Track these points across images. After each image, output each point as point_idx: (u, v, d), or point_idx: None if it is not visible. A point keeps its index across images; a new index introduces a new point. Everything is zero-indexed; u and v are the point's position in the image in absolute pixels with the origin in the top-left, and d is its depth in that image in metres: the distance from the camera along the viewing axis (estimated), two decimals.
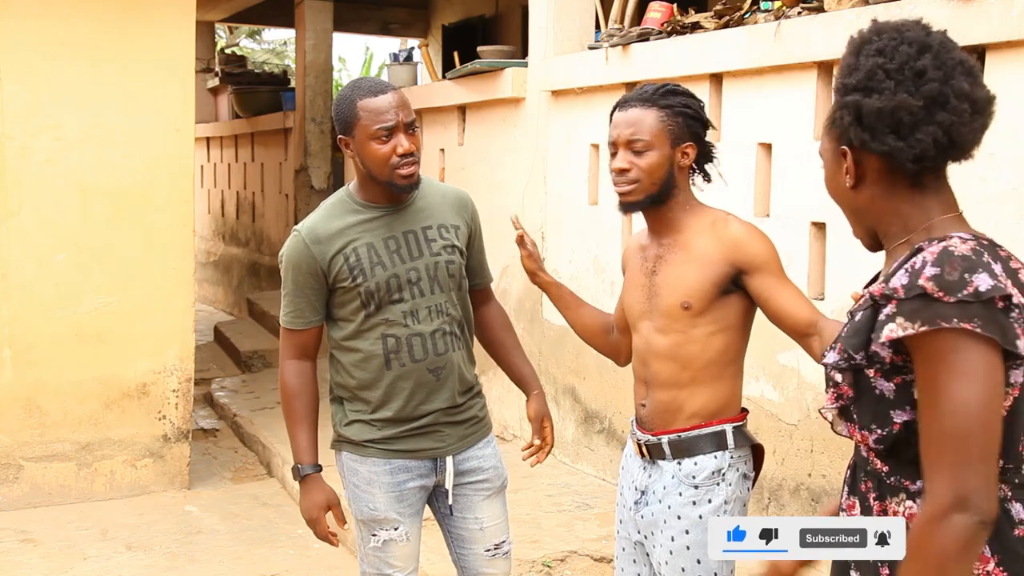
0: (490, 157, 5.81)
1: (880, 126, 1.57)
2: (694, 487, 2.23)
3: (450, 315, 2.59)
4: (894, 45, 1.57)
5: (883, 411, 1.58)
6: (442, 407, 2.59)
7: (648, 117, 2.26)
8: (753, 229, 2.27)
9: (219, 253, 11.90)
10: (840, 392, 1.63)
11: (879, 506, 1.65)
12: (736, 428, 2.26)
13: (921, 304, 1.49)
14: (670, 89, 2.29)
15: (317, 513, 2.59)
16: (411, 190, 2.54)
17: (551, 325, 5.21)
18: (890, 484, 1.63)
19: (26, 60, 4.77)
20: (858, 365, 1.59)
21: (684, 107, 2.27)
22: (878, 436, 1.59)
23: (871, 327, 1.57)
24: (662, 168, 2.26)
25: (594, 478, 4.92)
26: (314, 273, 2.53)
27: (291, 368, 2.62)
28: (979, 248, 1.53)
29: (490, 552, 2.69)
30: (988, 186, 3.07)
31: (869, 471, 1.67)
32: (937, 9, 3.10)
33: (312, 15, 9.60)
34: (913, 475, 1.59)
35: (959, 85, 1.56)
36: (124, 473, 5.10)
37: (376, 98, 2.47)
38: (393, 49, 13.86)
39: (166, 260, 5.07)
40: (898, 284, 1.52)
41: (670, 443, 2.26)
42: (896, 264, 1.57)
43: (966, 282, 1.48)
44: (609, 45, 4.67)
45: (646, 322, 2.32)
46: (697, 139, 2.29)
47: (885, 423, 1.58)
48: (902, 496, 1.61)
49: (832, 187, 1.71)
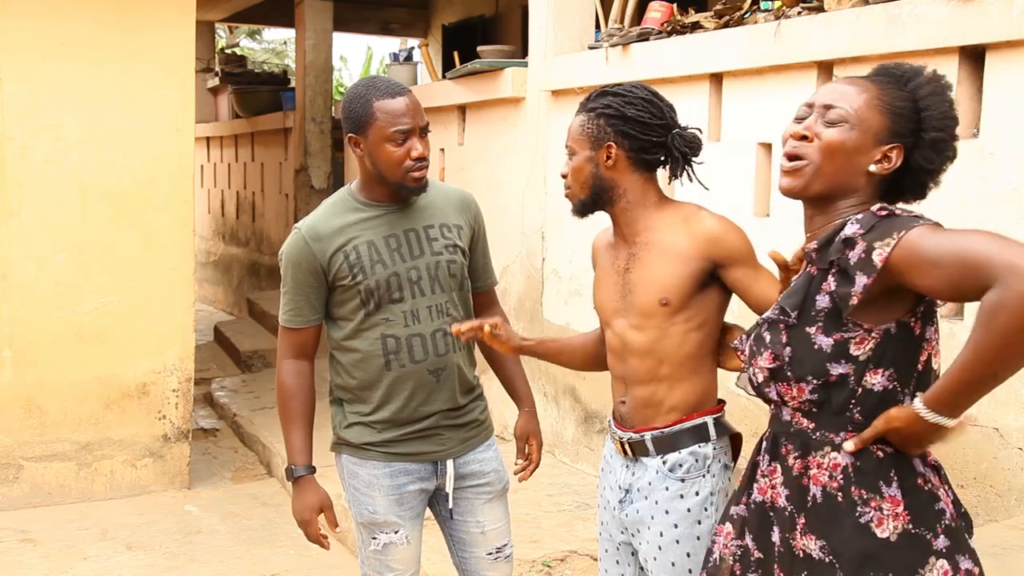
0: (490, 157, 5.80)
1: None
2: (680, 480, 2.23)
3: (451, 315, 2.58)
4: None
5: (820, 363, 1.69)
6: (442, 408, 2.58)
7: (575, 122, 2.30)
8: (726, 222, 2.25)
9: (219, 253, 11.90)
10: (777, 352, 1.74)
11: (800, 464, 1.76)
12: (716, 419, 2.27)
13: (886, 221, 1.62)
14: (602, 91, 2.29)
15: (309, 515, 2.57)
16: (420, 193, 2.54)
17: (551, 325, 5.21)
18: (815, 439, 1.74)
19: (26, 60, 4.78)
20: (792, 323, 1.71)
21: (605, 107, 2.25)
22: (813, 386, 1.71)
23: (807, 288, 1.71)
24: (582, 172, 2.28)
25: (594, 478, 4.92)
26: (314, 271, 2.52)
27: (289, 367, 2.60)
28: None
29: (492, 555, 2.68)
30: (988, 186, 3.07)
31: (792, 433, 1.78)
32: (937, 9, 3.10)
33: (312, 15, 9.60)
34: (838, 427, 1.71)
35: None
36: (124, 473, 5.10)
37: (394, 100, 2.45)
38: (393, 49, 13.86)
39: (166, 260, 5.08)
40: (852, 231, 1.64)
41: (653, 439, 2.26)
42: (830, 231, 1.71)
43: (908, 210, 1.65)
44: (609, 45, 4.67)
45: (620, 319, 2.31)
46: (625, 137, 2.23)
47: (821, 374, 1.70)
48: (827, 449, 1.73)
49: (849, 166, 1.75)
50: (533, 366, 4.81)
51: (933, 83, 1.75)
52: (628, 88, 2.28)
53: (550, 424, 5.20)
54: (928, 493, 1.69)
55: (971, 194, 3.12)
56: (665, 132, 2.26)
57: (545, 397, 5.22)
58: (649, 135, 2.24)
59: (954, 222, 1.86)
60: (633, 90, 2.27)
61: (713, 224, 2.23)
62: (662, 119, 2.25)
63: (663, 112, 2.26)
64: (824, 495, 1.71)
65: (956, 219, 3.00)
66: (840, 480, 1.70)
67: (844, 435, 1.70)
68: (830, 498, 1.71)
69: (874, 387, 1.68)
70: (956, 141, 1.76)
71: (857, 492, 1.68)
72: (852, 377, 1.68)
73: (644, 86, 2.30)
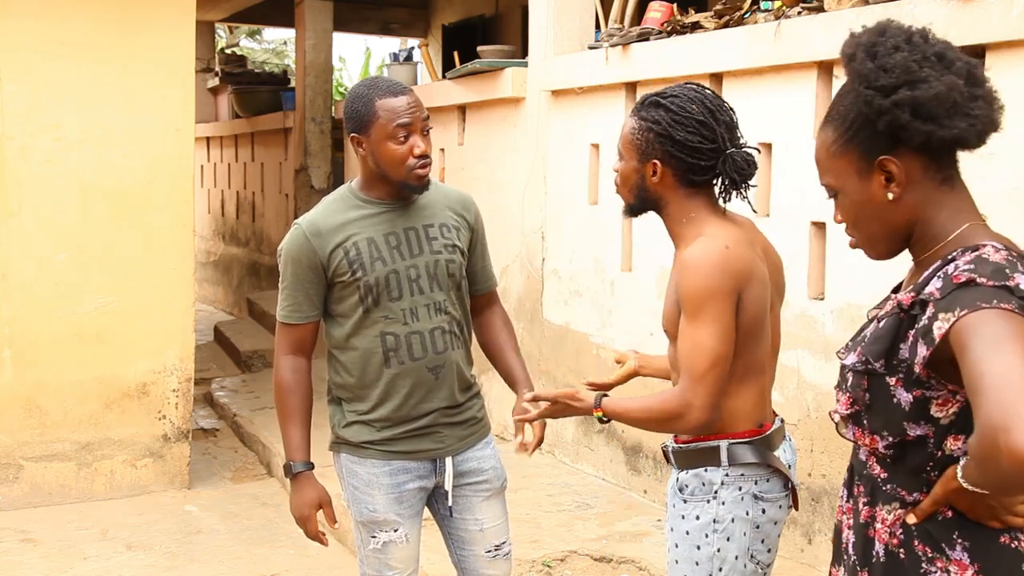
0: (490, 157, 5.80)
1: (942, 111, 1.52)
2: (683, 501, 2.18)
3: (449, 314, 2.58)
4: (906, 38, 1.56)
5: (897, 421, 1.55)
6: (441, 406, 2.58)
7: (627, 126, 2.20)
8: (692, 262, 2.08)
9: (219, 253, 11.90)
10: (857, 396, 1.60)
11: (868, 511, 1.64)
12: (735, 444, 2.13)
13: (959, 292, 1.44)
14: (654, 99, 2.18)
15: (308, 511, 2.58)
16: (423, 191, 2.55)
17: (551, 325, 5.21)
18: (885, 491, 1.62)
19: (26, 60, 4.77)
20: (876, 371, 1.56)
21: (655, 123, 2.14)
22: (888, 443, 1.58)
23: (895, 335, 1.54)
24: (629, 180, 2.21)
25: (594, 478, 4.92)
26: (313, 267, 2.52)
27: (286, 364, 2.60)
28: (1012, 258, 1.50)
29: (490, 553, 2.68)
30: (988, 186, 3.07)
31: (864, 475, 1.66)
32: (937, 9, 3.10)
33: (312, 15, 9.60)
34: (911, 486, 1.58)
35: (973, 63, 1.57)
36: (124, 473, 5.10)
37: (396, 98, 2.46)
38: (393, 49, 13.86)
39: (166, 260, 5.07)
40: (933, 288, 1.48)
41: (671, 452, 2.24)
42: (929, 272, 1.54)
43: (1006, 276, 1.44)
44: (609, 45, 4.66)
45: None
46: (672, 158, 2.13)
47: (897, 433, 1.56)
48: (895, 505, 1.60)
49: (859, 209, 1.62)
50: (532, 366, 4.80)
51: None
52: (682, 103, 2.14)
53: (550, 424, 5.19)
54: (1014, 553, 1.53)
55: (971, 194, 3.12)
56: (716, 156, 2.13)
57: None
58: (698, 159, 2.13)
59: None
60: (686, 107, 2.13)
61: (682, 260, 2.12)
62: (713, 143, 2.12)
63: (715, 135, 2.13)
64: (887, 554, 1.61)
65: None
66: (901, 536, 1.59)
67: (916, 496, 1.58)
68: (892, 556, 1.60)
69: (955, 453, 1.53)
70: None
71: (921, 548, 1.57)
72: (932, 440, 1.54)
73: (700, 95, 2.17)
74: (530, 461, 5.06)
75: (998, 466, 1.31)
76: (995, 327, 1.38)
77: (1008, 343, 1.35)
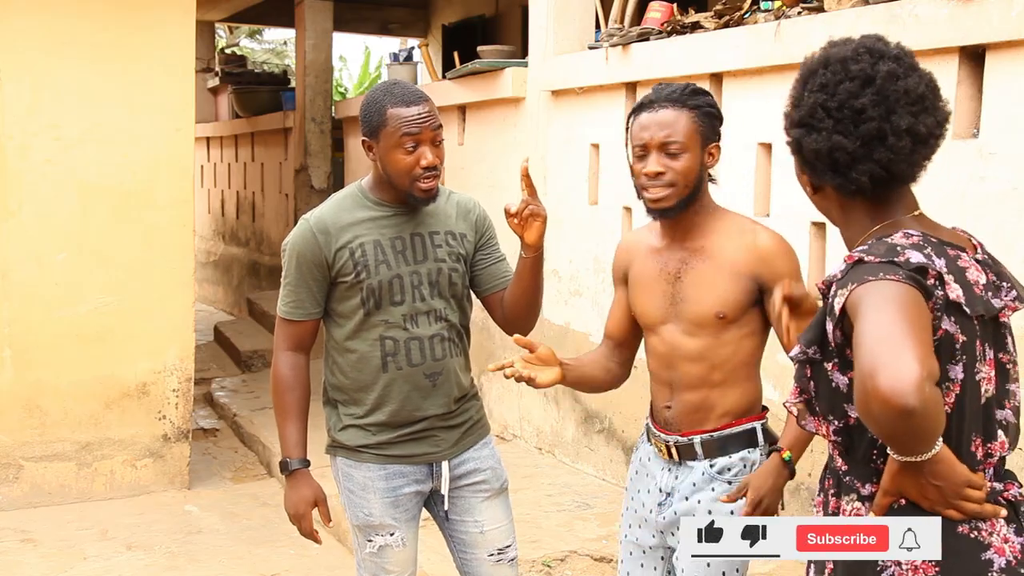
0: (490, 157, 5.81)
1: (819, 164, 1.64)
2: (727, 483, 2.26)
3: (449, 321, 2.58)
4: (837, 81, 1.62)
5: (839, 404, 1.62)
6: (436, 413, 2.57)
7: (682, 118, 2.22)
8: (781, 244, 2.24)
9: (219, 253, 11.90)
10: (803, 386, 1.67)
11: (835, 503, 1.69)
12: (763, 426, 2.31)
13: (852, 270, 1.56)
14: (695, 89, 2.28)
15: (304, 508, 2.57)
16: (427, 203, 2.53)
17: (551, 325, 5.21)
18: (846, 483, 1.67)
19: (26, 59, 4.77)
20: (814, 359, 1.63)
21: (710, 107, 2.26)
22: (835, 428, 1.64)
23: (822, 321, 1.62)
24: (694, 171, 2.24)
25: (594, 478, 4.92)
26: (318, 263, 2.52)
27: (285, 360, 2.59)
28: (922, 242, 1.57)
29: (494, 557, 2.65)
30: (988, 186, 3.07)
31: (831, 468, 1.71)
32: (937, 9, 3.10)
33: (312, 15, 9.60)
34: (864, 477, 1.63)
35: (898, 122, 1.58)
36: (124, 473, 5.10)
37: (408, 108, 2.44)
38: (393, 49, 13.86)
39: (166, 260, 5.07)
40: (836, 271, 1.60)
41: (703, 443, 2.27)
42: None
43: (897, 252, 1.54)
44: (609, 45, 4.66)
45: (670, 326, 2.30)
46: (719, 139, 2.29)
47: (840, 415, 1.62)
48: (853, 496, 1.65)
49: (826, 214, 1.77)
50: None
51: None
52: (706, 90, 2.29)
53: (550, 424, 5.20)
54: (970, 542, 1.55)
55: (971, 194, 3.13)
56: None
57: (545, 397, 5.22)
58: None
59: (954, 222, 1.85)
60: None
61: (767, 243, 2.23)
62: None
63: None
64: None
65: (956, 219, 2.99)
66: None
67: (869, 487, 1.62)
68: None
69: None
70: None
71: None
72: None
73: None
74: (530, 461, 5.07)
75: (871, 412, 1.40)
76: (878, 295, 1.49)
77: (885, 305, 1.47)
